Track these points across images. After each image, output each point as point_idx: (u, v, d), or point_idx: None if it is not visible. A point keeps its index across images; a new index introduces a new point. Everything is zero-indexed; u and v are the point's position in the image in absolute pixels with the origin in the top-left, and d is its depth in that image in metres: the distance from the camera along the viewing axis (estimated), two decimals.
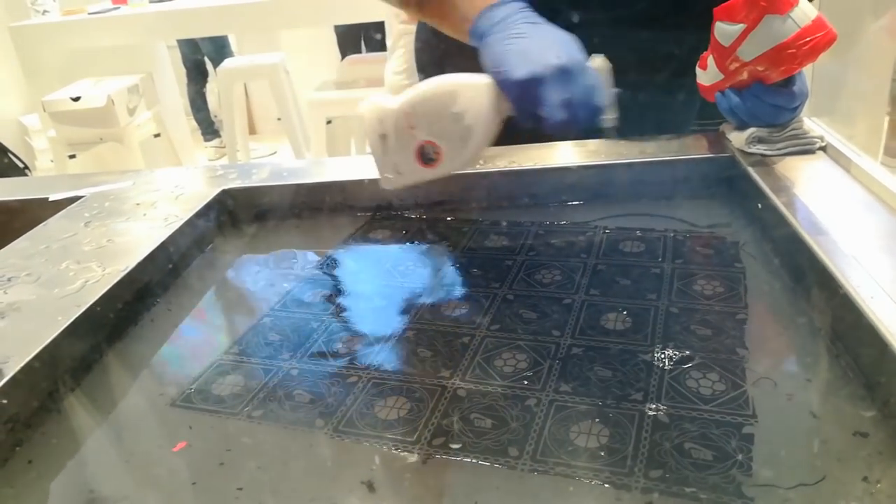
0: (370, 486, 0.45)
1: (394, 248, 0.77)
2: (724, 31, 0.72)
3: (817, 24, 0.69)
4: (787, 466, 0.43)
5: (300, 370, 0.57)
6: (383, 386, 0.54)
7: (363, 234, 0.81)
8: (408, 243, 0.78)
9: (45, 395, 0.54)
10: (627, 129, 0.91)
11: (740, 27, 0.70)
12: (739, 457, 0.43)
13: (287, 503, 0.45)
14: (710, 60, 0.77)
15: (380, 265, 0.74)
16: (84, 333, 0.59)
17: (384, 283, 0.70)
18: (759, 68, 0.72)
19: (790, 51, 0.69)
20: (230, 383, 0.56)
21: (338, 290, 0.69)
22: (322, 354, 0.59)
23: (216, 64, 3.51)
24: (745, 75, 0.74)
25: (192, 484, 0.47)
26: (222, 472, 0.47)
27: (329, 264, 0.76)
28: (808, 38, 0.68)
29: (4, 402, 0.50)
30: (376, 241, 0.79)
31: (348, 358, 0.58)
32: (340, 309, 0.66)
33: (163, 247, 0.72)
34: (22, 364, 0.52)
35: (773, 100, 0.74)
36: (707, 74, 0.79)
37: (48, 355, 0.54)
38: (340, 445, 0.49)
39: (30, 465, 0.49)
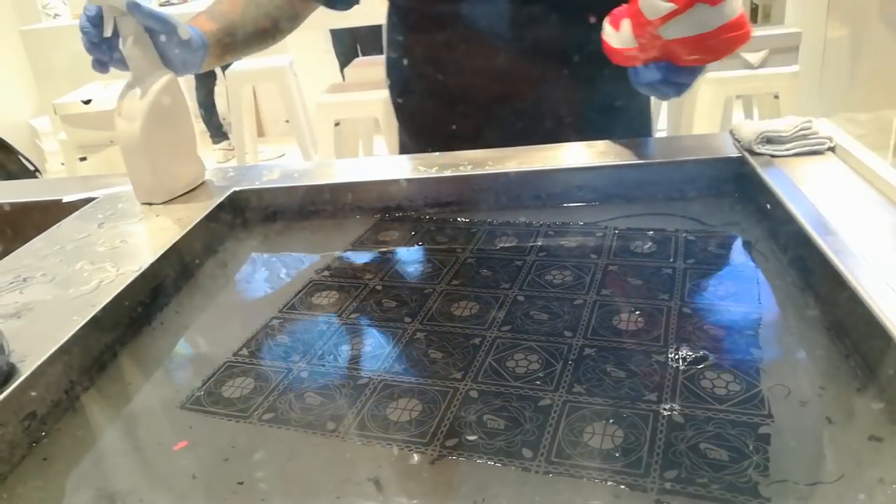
0: (379, 486, 0.45)
1: (403, 250, 0.78)
2: (652, 5, 0.69)
3: (741, 19, 0.68)
4: (804, 466, 0.43)
5: (310, 372, 0.57)
6: (395, 388, 0.54)
7: (372, 236, 0.81)
8: (417, 244, 0.78)
9: (61, 394, 0.54)
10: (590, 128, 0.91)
11: (670, 7, 0.68)
12: (756, 457, 0.43)
13: (287, 499, 0.45)
14: (626, 24, 0.74)
15: (389, 266, 0.74)
16: (99, 333, 0.59)
17: (394, 284, 0.70)
18: (676, 49, 0.70)
19: (711, 42, 0.68)
20: (239, 385, 0.56)
21: (347, 292, 0.70)
22: (332, 356, 0.59)
23: (224, 67, 3.53)
24: (657, 52, 0.72)
25: (192, 477, 0.47)
26: (225, 468, 0.48)
27: (338, 266, 0.76)
28: (731, 34, 0.67)
29: (22, 399, 0.50)
30: (385, 243, 0.79)
31: (359, 360, 0.58)
32: (350, 311, 0.66)
33: (175, 247, 0.72)
34: (38, 363, 0.52)
35: (679, 78, 0.73)
36: (619, 37, 0.75)
37: (64, 354, 0.55)
38: (351, 447, 0.49)
39: (45, 463, 0.49)
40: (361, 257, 0.77)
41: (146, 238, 0.75)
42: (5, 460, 0.48)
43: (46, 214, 0.87)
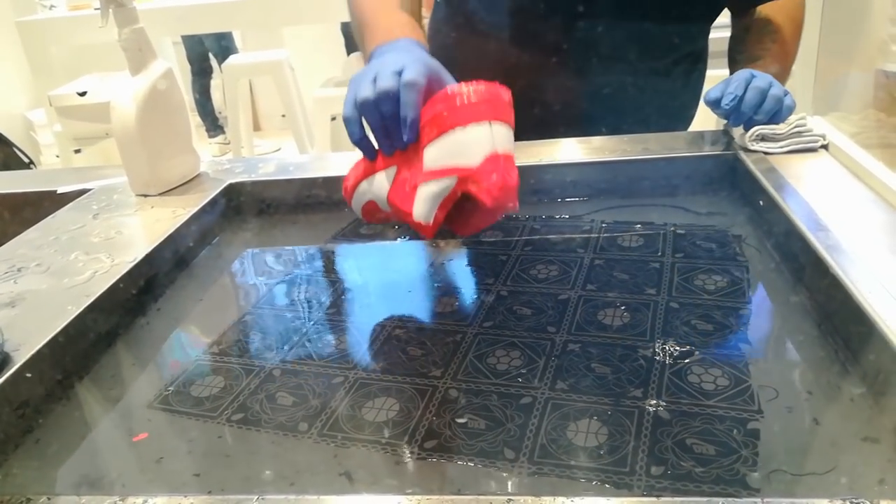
0: (351, 487, 0.43)
1: (384, 244, 0.77)
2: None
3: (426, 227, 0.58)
4: (794, 461, 0.43)
5: (282, 371, 0.56)
6: (371, 386, 0.53)
7: (354, 229, 0.81)
8: (399, 238, 0.78)
9: (55, 383, 0.55)
10: (630, 120, 0.91)
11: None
12: (745, 452, 0.43)
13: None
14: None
15: (368, 260, 0.72)
16: (93, 323, 0.59)
17: (372, 278, 0.69)
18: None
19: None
20: (209, 384, 0.55)
21: (323, 287, 0.69)
22: (306, 354, 0.58)
23: (221, 60, 3.52)
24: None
25: (156, 461, 0.47)
26: (183, 462, 0.47)
27: (317, 260, 0.75)
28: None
29: (16, 388, 0.50)
30: (367, 237, 0.79)
31: (333, 358, 0.57)
32: (326, 306, 0.65)
33: (170, 239, 0.72)
34: (33, 352, 0.52)
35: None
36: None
37: (58, 344, 0.55)
38: (323, 448, 0.47)
39: (38, 450, 0.49)
40: (341, 251, 0.77)
41: (141, 229, 0.75)
42: (0, 448, 0.49)
43: (41, 205, 0.87)
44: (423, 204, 0.55)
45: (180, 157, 0.87)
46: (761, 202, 0.71)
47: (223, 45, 3.75)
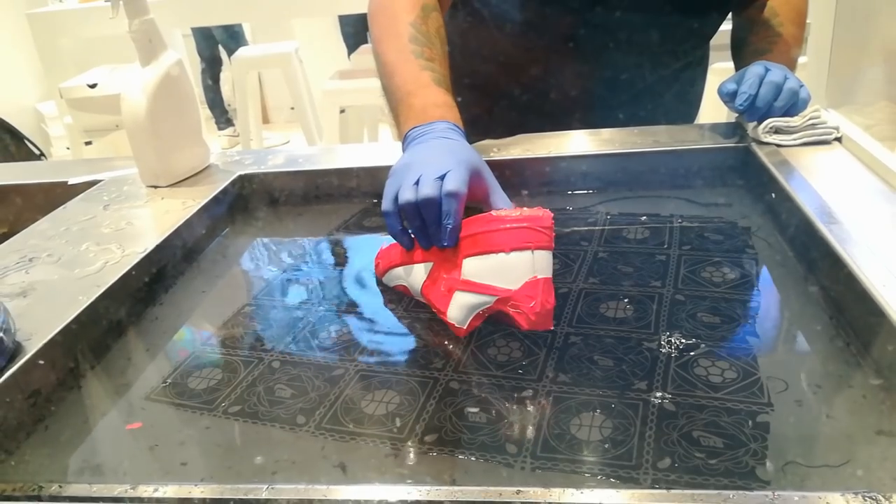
0: (346, 478, 0.43)
1: (387, 236, 0.76)
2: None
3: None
4: (806, 454, 0.42)
5: (282, 362, 0.55)
6: (371, 379, 0.52)
7: (358, 221, 0.81)
8: None
9: (66, 372, 0.55)
10: (637, 114, 0.91)
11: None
12: (754, 445, 0.42)
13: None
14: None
15: (371, 252, 0.70)
16: (104, 313, 0.60)
17: (372, 271, 0.68)
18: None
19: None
20: (210, 376, 0.55)
21: (326, 278, 0.69)
22: (305, 346, 0.57)
23: (230, 52, 3.52)
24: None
25: (149, 448, 0.48)
26: (173, 453, 0.47)
27: (321, 252, 0.75)
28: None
29: (28, 377, 0.51)
30: (369, 229, 0.79)
31: (335, 349, 0.56)
32: (328, 297, 0.65)
33: (180, 230, 0.73)
34: (44, 342, 0.53)
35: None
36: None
37: (69, 333, 0.55)
38: (320, 441, 0.46)
39: (48, 439, 0.50)
40: (345, 243, 0.77)
41: (151, 220, 0.75)
42: (11, 436, 0.49)
43: (52, 196, 0.87)
44: (460, 310, 0.56)
45: (190, 149, 0.88)
46: (773, 194, 0.71)
47: (233, 38, 3.75)
